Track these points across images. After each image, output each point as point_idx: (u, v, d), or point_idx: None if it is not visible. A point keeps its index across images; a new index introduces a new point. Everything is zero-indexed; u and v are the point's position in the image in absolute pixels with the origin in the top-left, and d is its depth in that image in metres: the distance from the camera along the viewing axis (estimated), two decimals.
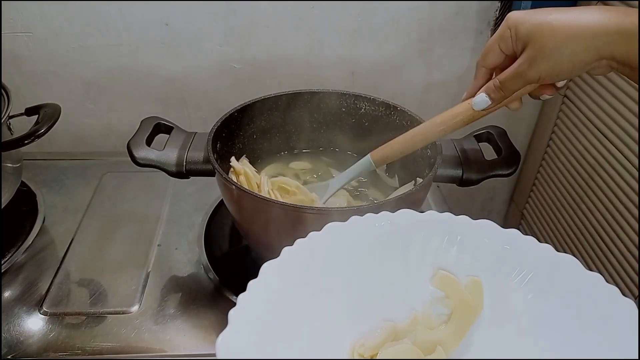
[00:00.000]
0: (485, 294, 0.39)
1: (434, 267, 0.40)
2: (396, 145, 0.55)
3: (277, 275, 0.35)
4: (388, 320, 0.40)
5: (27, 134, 0.57)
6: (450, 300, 0.40)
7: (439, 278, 0.40)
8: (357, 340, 0.38)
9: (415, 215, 0.40)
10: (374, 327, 0.39)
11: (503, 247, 0.39)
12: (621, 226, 0.72)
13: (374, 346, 0.38)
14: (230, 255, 0.65)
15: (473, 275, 0.39)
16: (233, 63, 0.83)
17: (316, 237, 0.37)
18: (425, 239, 0.40)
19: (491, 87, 0.46)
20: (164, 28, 0.78)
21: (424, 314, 0.40)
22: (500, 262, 0.39)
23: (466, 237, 0.39)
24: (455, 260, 0.40)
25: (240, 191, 0.50)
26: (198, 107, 0.88)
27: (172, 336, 0.53)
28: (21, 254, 0.62)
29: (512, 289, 0.38)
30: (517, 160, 0.58)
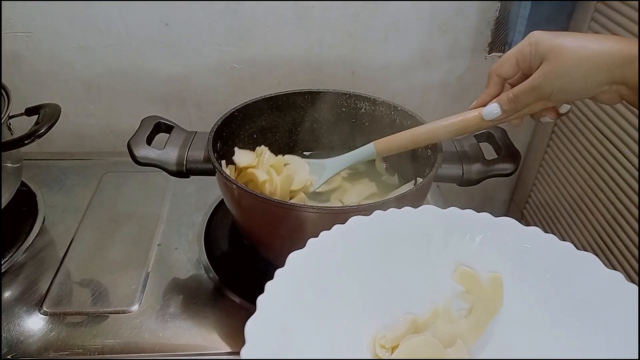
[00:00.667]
0: (505, 290, 0.40)
1: (455, 262, 0.41)
2: (400, 139, 0.56)
3: (302, 265, 0.36)
4: (409, 313, 0.41)
5: (27, 134, 0.57)
6: (470, 296, 0.41)
7: (460, 273, 0.41)
8: (378, 332, 0.40)
9: (437, 211, 0.41)
10: (395, 319, 0.40)
11: (524, 244, 0.39)
12: (621, 226, 0.72)
13: (395, 338, 0.39)
14: (230, 254, 0.65)
15: (494, 272, 0.40)
16: (233, 63, 0.83)
17: (340, 230, 0.39)
18: (447, 235, 0.41)
19: (504, 99, 0.47)
20: (164, 28, 0.78)
21: (445, 308, 0.41)
22: (521, 259, 0.39)
23: (487, 234, 0.40)
24: (477, 256, 0.40)
25: (241, 190, 0.50)
26: (198, 107, 0.88)
27: (172, 335, 0.53)
28: (21, 254, 0.62)
29: (532, 286, 0.39)
30: (517, 160, 0.58)
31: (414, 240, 0.41)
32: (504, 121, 0.49)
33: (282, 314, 0.33)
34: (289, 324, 0.34)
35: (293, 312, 0.34)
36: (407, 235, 0.40)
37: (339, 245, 0.38)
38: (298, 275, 0.35)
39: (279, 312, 0.33)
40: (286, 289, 0.34)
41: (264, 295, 0.33)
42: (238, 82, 0.85)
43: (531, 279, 0.39)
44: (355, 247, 0.39)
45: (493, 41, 0.85)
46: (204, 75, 0.84)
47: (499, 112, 0.48)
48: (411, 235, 0.40)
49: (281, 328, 0.33)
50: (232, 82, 0.85)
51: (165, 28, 0.78)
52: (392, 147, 0.57)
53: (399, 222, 0.40)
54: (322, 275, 0.37)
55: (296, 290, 0.35)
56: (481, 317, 0.40)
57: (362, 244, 0.39)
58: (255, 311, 0.32)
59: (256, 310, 0.32)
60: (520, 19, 0.78)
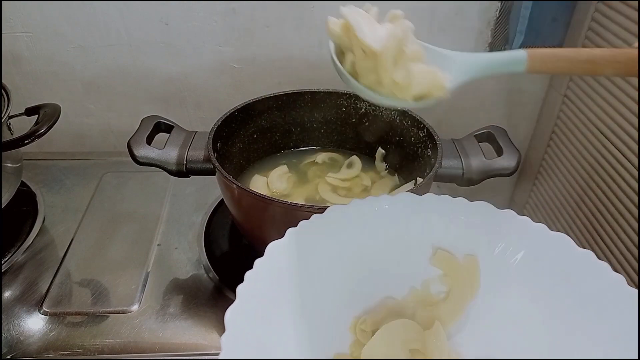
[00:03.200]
0: (482, 272, 0.41)
1: (433, 246, 0.42)
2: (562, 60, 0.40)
3: (282, 254, 0.36)
4: (389, 297, 0.41)
5: (27, 134, 0.57)
6: (448, 278, 0.41)
7: (438, 256, 0.42)
8: (359, 316, 0.40)
9: (414, 197, 0.42)
10: (375, 303, 0.41)
11: (499, 226, 0.40)
12: (621, 226, 0.72)
13: (376, 321, 0.40)
14: (230, 254, 0.65)
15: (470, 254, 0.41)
16: (233, 63, 0.83)
17: (319, 218, 0.39)
18: (424, 220, 0.41)
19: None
20: (164, 28, 0.78)
21: (424, 291, 0.42)
22: (496, 241, 0.40)
23: (464, 218, 0.41)
24: (454, 240, 0.41)
25: (241, 190, 0.50)
26: (198, 107, 0.88)
27: (172, 335, 0.53)
28: (21, 254, 0.62)
29: (508, 267, 0.40)
30: (517, 160, 0.58)
31: (392, 226, 0.41)
32: None
33: (262, 302, 0.34)
34: (269, 312, 0.34)
35: (273, 301, 0.35)
36: (385, 221, 0.41)
37: (317, 234, 0.39)
38: (277, 264, 0.36)
39: (259, 300, 0.33)
40: (266, 278, 0.35)
41: (243, 285, 0.33)
42: (238, 82, 0.85)
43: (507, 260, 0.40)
44: (334, 235, 0.40)
45: (493, 41, 0.85)
46: (204, 75, 0.84)
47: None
48: (389, 221, 0.41)
49: (261, 316, 0.33)
50: (232, 82, 0.85)
51: (165, 28, 0.78)
52: (549, 62, 0.40)
53: (376, 208, 0.41)
54: (302, 263, 0.37)
55: (276, 279, 0.35)
56: (459, 300, 0.41)
57: (341, 231, 0.40)
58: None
59: (236, 299, 0.32)
60: (520, 19, 0.78)
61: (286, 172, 0.67)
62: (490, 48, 0.85)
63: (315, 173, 0.67)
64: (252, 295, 0.33)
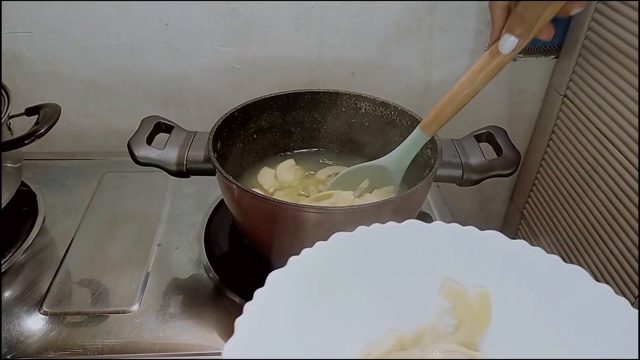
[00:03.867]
0: (493, 306, 0.39)
1: (442, 278, 0.40)
2: (446, 107, 0.51)
3: (283, 284, 0.35)
4: (395, 330, 0.40)
5: (27, 134, 0.57)
6: (457, 312, 0.40)
7: (447, 289, 0.40)
8: (363, 350, 0.38)
9: (422, 226, 0.40)
10: (380, 336, 0.39)
11: (511, 258, 0.38)
12: (621, 226, 0.72)
13: (380, 354, 0.38)
14: (230, 254, 0.65)
15: (481, 287, 0.39)
16: (233, 63, 0.83)
17: (323, 247, 0.37)
18: (432, 250, 0.40)
19: (512, 23, 0.43)
20: (164, 28, 0.78)
21: (432, 324, 0.40)
22: (508, 274, 0.38)
23: (474, 248, 0.39)
24: (463, 272, 0.39)
25: (241, 190, 0.50)
26: (198, 107, 0.88)
27: (172, 335, 0.53)
28: (21, 254, 0.62)
29: (521, 301, 0.38)
30: (517, 160, 0.58)
31: (399, 256, 0.39)
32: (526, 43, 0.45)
33: (261, 336, 0.32)
34: (269, 345, 0.32)
35: (273, 333, 0.33)
36: (391, 251, 0.39)
37: (320, 263, 0.37)
38: (278, 296, 0.34)
39: (258, 333, 0.32)
40: (266, 310, 0.33)
41: (242, 317, 0.32)
42: (238, 82, 0.85)
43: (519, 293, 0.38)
44: (338, 264, 0.38)
45: None
46: (204, 75, 0.84)
47: (515, 40, 0.43)
48: (396, 251, 0.39)
49: (261, 351, 0.32)
50: (232, 82, 0.85)
51: (165, 28, 0.78)
52: (441, 118, 0.52)
53: (383, 237, 0.39)
54: (304, 294, 0.36)
55: (277, 311, 0.34)
56: (469, 334, 0.39)
57: (345, 261, 0.38)
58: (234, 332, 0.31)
59: (234, 333, 0.31)
60: None
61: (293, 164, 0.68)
62: None
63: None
64: (251, 329, 0.31)
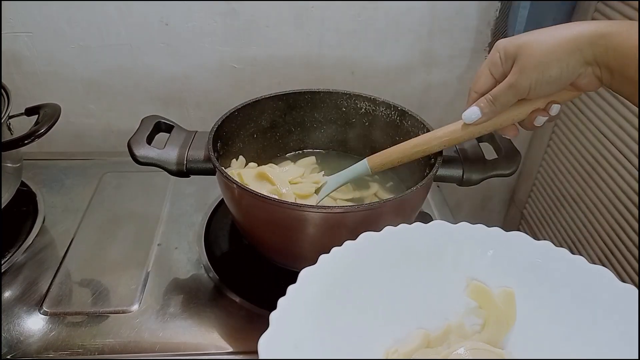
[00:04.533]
0: (518, 305, 0.40)
1: (467, 277, 0.41)
2: (394, 154, 0.55)
3: (314, 281, 0.36)
4: (421, 328, 0.41)
5: (27, 134, 0.57)
6: (483, 311, 0.41)
7: (472, 288, 0.41)
8: (391, 346, 0.39)
9: (448, 227, 0.41)
10: (407, 334, 0.40)
11: (535, 259, 0.39)
12: (621, 226, 0.72)
13: (407, 352, 0.39)
14: (230, 254, 0.65)
15: (506, 287, 0.40)
16: (233, 63, 0.83)
17: (352, 246, 0.39)
18: (458, 251, 0.41)
19: (483, 100, 0.47)
20: (164, 28, 0.78)
21: (458, 323, 0.41)
22: (533, 274, 0.39)
23: (499, 249, 0.40)
24: (488, 272, 0.40)
25: (241, 190, 0.50)
26: (198, 107, 0.88)
27: (172, 335, 0.53)
28: (21, 254, 0.62)
29: (545, 301, 0.39)
30: (517, 160, 0.58)
31: (425, 256, 0.41)
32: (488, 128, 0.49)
33: (294, 329, 0.34)
34: (302, 339, 0.34)
35: (305, 328, 0.35)
36: (418, 251, 0.41)
37: (350, 261, 0.38)
38: (309, 292, 0.36)
39: (291, 327, 0.33)
40: (298, 305, 0.35)
41: (276, 311, 0.33)
42: (238, 82, 0.85)
43: (544, 293, 0.39)
44: (367, 263, 0.39)
45: (493, 41, 0.85)
46: (204, 75, 0.84)
47: (479, 115, 0.47)
48: (422, 251, 0.41)
49: (294, 344, 0.33)
50: (232, 82, 0.85)
51: (165, 28, 0.78)
52: (385, 162, 0.56)
53: (410, 238, 0.40)
54: (334, 291, 0.37)
55: (308, 306, 0.35)
56: (494, 332, 0.40)
57: (373, 259, 0.39)
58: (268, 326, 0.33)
59: (269, 326, 0.32)
60: (520, 19, 0.78)
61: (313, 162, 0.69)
62: (490, 48, 0.85)
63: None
64: (284, 322, 0.33)
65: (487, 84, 0.47)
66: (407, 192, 0.51)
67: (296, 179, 0.61)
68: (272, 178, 0.58)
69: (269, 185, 0.58)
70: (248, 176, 0.59)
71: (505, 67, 0.45)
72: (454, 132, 0.51)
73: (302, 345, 0.34)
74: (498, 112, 0.47)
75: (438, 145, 0.52)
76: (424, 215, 0.72)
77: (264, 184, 0.59)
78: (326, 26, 0.80)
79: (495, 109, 0.46)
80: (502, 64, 0.45)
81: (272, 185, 0.58)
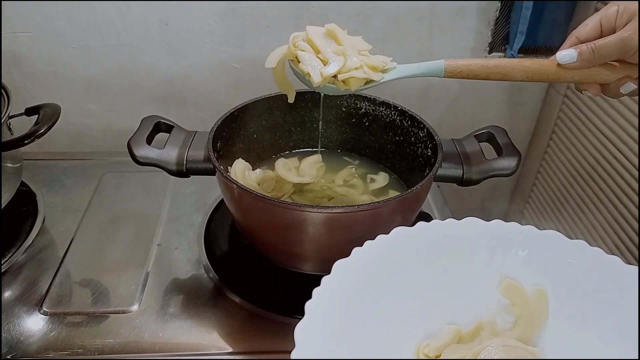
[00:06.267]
0: (550, 304, 0.40)
1: (500, 275, 0.41)
2: (474, 65, 0.50)
3: (348, 273, 0.37)
4: (453, 323, 0.41)
5: (27, 134, 0.57)
6: (515, 308, 0.41)
7: (505, 286, 0.41)
8: (422, 340, 0.40)
9: (481, 224, 0.41)
10: (439, 329, 0.41)
11: (570, 258, 0.39)
12: (621, 226, 0.72)
13: (438, 347, 0.39)
14: (230, 254, 0.65)
15: (539, 285, 0.40)
16: (233, 63, 0.83)
17: (385, 240, 0.39)
18: (491, 248, 0.41)
19: (584, 47, 0.45)
20: (164, 28, 0.78)
21: (489, 319, 0.41)
22: (567, 273, 0.39)
23: (532, 248, 0.40)
24: (522, 270, 0.41)
25: (241, 190, 0.50)
26: (198, 107, 0.88)
27: (172, 335, 0.53)
28: (21, 254, 0.62)
29: (578, 300, 0.39)
30: (517, 160, 0.58)
31: (458, 252, 0.41)
32: (577, 78, 0.47)
33: (329, 319, 0.34)
34: (336, 329, 0.34)
35: (339, 318, 0.35)
36: (450, 247, 0.41)
37: (383, 255, 0.39)
38: (343, 283, 0.36)
39: (326, 317, 0.34)
40: (332, 296, 0.35)
41: (311, 301, 0.34)
42: (238, 82, 0.85)
43: (577, 293, 0.39)
44: (399, 257, 0.40)
45: (493, 41, 0.85)
46: (204, 75, 0.84)
47: (574, 59, 0.45)
48: (455, 247, 0.41)
49: (329, 333, 0.34)
50: (232, 82, 0.85)
51: (165, 28, 0.78)
52: (462, 70, 0.50)
53: (442, 234, 0.41)
54: (367, 284, 0.38)
55: (342, 297, 0.36)
56: (526, 330, 0.40)
57: (406, 254, 0.40)
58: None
59: (305, 315, 0.33)
60: (522, 19, 0.78)
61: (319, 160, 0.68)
62: (490, 48, 0.85)
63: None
64: (319, 312, 0.34)
65: (592, 33, 0.45)
66: (407, 192, 0.51)
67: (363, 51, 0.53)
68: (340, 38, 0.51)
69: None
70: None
71: (619, 21, 0.43)
72: (541, 66, 0.48)
73: (338, 333, 0.34)
74: (594, 64, 0.45)
75: (520, 73, 0.49)
76: (424, 215, 0.72)
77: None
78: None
79: (594, 59, 0.44)
80: (617, 18, 0.43)
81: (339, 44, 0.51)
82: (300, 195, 0.64)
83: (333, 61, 0.49)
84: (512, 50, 0.82)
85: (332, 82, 0.49)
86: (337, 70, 0.48)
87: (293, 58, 0.51)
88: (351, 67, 0.49)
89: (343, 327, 0.35)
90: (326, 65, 0.49)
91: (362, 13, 0.79)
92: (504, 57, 0.86)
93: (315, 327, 0.33)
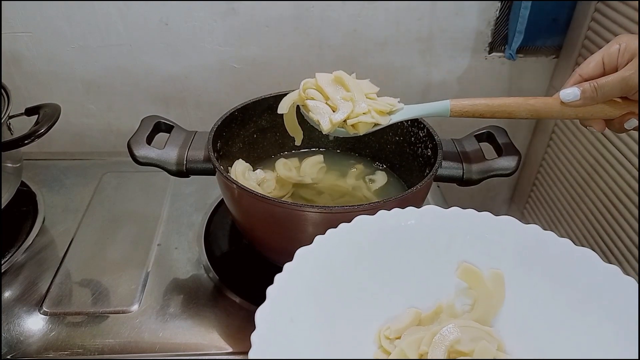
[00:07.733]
0: (507, 287, 0.41)
1: (458, 260, 0.42)
2: (480, 105, 0.51)
3: (310, 259, 0.38)
4: (413, 308, 0.42)
5: (27, 134, 0.57)
6: (473, 291, 0.42)
7: (463, 270, 0.42)
8: (383, 324, 0.41)
9: (439, 211, 0.42)
10: (399, 313, 0.42)
11: (524, 242, 0.41)
12: (621, 226, 0.72)
13: (399, 329, 0.40)
14: (230, 254, 0.65)
15: (495, 269, 0.41)
16: (233, 63, 0.83)
17: (347, 228, 0.40)
18: (449, 234, 0.42)
19: (587, 84, 0.46)
20: (164, 28, 0.78)
21: (449, 303, 0.42)
22: (522, 257, 0.41)
23: (489, 233, 0.42)
24: (479, 255, 0.42)
25: (241, 190, 0.50)
26: (198, 107, 0.88)
27: (172, 335, 0.53)
28: (21, 254, 0.62)
29: (533, 282, 0.40)
30: (517, 160, 0.58)
31: (418, 239, 0.42)
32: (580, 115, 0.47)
33: (290, 304, 0.35)
34: (297, 314, 0.35)
35: (301, 304, 0.36)
36: (410, 234, 0.42)
37: (344, 242, 0.40)
38: (305, 269, 0.37)
39: (287, 302, 0.35)
40: (294, 282, 0.36)
41: (273, 286, 0.35)
42: (238, 82, 0.85)
43: (532, 276, 0.40)
44: (360, 245, 0.40)
45: (493, 41, 0.85)
46: (204, 75, 0.84)
47: (577, 97, 0.46)
48: (415, 234, 0.42)
49: (289, 318, 0.34)
50: (232, 82, 0.85)
51: (165, 28, 0.78)
52: (468, 109, 0.52)
53: (402, 221, 0.42)
54: (329, 270, 0.38)
55: (304, 283, 0.37)
56: (483, 313, 0.41)
57: (367, 241, 0.41)
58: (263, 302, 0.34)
59: (266, 300, 0.34)
60: (520, 19, 0.78)
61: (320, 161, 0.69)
62: (490, 48, 0.85)
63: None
64: (280, 297, 0.34)
65: (595, 71, 0.46)
66: (407, 192, 0.51)
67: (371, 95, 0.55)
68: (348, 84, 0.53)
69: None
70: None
71: (621, 60, 0.44)
72: (545, 105, 0.49)
73: (298, 319, 0.35)
74: (597, 102, 0.46)
75: (525, 112, 0.49)
76: None
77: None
78: (326, 26, 0.80)
79: (596, 97, 0.45)
80: (619, 56, 0.44)
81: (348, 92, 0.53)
82: (301, 196, 0.64)
83: (342, 107, 0.51)
84: (511, 49, 0.82)
85: (341, 126, 0.51)
86: (345, 117, 0.50)
87: (304, 104, 0.53)
88: (359, 112, 0.51)
89: (304, 313, 0.36)
90: (335, 112, 0.51)
91: (362, 13, 0.79)
92: (503, 57, 0.86)
93: (276, 312, 0.33)
